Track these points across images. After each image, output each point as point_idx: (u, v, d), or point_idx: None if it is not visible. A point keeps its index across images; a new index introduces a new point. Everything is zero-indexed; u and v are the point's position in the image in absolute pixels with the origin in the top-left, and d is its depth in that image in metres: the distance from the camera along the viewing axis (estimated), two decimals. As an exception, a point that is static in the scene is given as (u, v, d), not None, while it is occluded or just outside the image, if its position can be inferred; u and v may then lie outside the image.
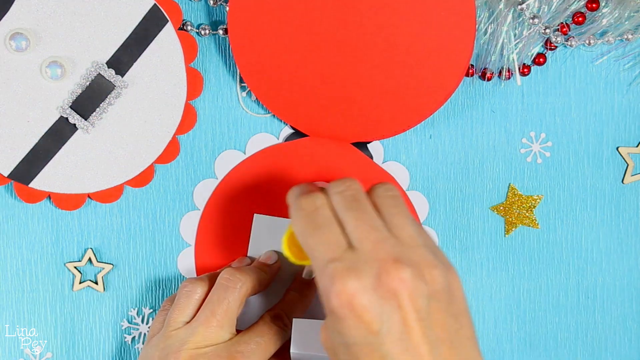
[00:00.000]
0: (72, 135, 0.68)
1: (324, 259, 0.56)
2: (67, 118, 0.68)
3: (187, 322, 0.65)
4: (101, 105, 0.68)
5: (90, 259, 0.71)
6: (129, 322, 0.72)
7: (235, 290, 0.65)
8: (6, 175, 0.68)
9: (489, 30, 0.71)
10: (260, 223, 0.71)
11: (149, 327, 0.71)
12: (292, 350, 0.63)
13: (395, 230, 0.57)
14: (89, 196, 0.69)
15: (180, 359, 0.63)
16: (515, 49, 0.71)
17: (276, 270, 0.69)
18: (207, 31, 0.71)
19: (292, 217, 0.59)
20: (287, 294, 0.69)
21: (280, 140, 0.72)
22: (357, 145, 0.71)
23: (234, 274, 0.66)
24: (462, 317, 0.56)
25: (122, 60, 0.68)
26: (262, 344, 0.65)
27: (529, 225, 0.73)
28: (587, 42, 0.71)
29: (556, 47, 0.71)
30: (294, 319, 0.64)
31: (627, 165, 0.73)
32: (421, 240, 0.57)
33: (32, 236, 0.71)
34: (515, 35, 0.70)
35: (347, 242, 0.56)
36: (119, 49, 0.68)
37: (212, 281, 0.67)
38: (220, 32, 0.71)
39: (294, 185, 0.61)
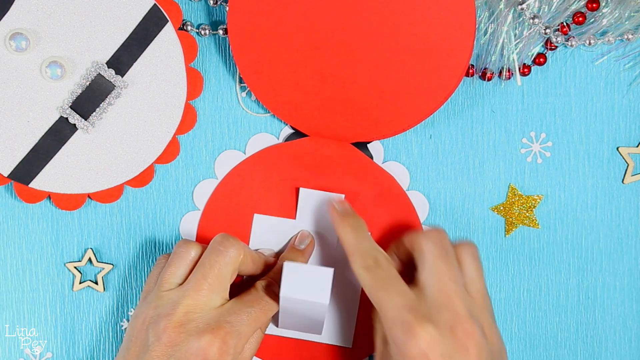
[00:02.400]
0: (72, 135, 0.68)
1: (400, 306, 0.61)
2: (67, 118, 0.68)
3: (180, 284, 0.65)
4: (101, 105, 0.68)
5: (90, 259, 0.71)
6: (128, 322, 0.72)
7: (226, 254, 0.65)
8: (6, 175, 0.68)
9: (489, 30, 0.71)
10: (260, 223, 0.71)
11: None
12: (281, 294, 0.63)
13: (470, 287, 0.64)
14: (89, 196, 0.69)
15: (171, 322, 0.63)
16: (516, 49, 0.71)
17: (270, 265, 0.69)
18: (207, 31, 0.71)
19: (358, 273, 0.64)
20: (279, 262, 0.69)
21: (280, 140, 0.72)
22: (357, 145, 0.71)
23: (227, 237, 0.66)
24: None
25: (122, 60, 0.68)
26: (253, 314, 0.64)
27: (529, 225, 0.73)
28: (587, 42, 0.71)
29: (556, 47, 0.71)
30: (284, 262, 0.64)
31: (627, 165, 0.73)
32: (487, 302, 0.64)
33: (32, 236, 0.71)
34: (515, 35, 0.70)
35: (417, 294, 0.62)
36: (119, 49, 0.68)
37: (206, 244, 0.67)
38: (220, 32, 0.71)
39: (343, 219, 0.67)
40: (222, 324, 0.63)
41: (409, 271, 0.66)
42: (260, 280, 0.67)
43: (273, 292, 0.66)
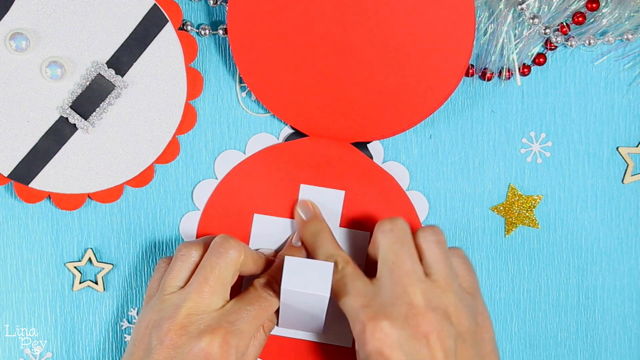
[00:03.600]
0: (72, 135, 0.68)
1: (354, 306, 0.62)
2: (67, 118, 0.68)
3: (182, 287, 0.65)
4: (101, 105, 0.68)
5: (90, 259, 0.71)
6: (129, 322, 0.72)
7: (227, 256, 0.65)
8: (6, 175, 0.68)
9: (489, 30, 0.71)
10: (260, 223, 0.71)
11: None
12: (282, 287, 0.64)
13: (430, 273, 0.63)
14: (89, 196, 0.69)
15: (173, 325, 0.63)
16: (515, 49, 0.71)
17: (272, 263, 0.69)
18: (207, 31, 0.71)
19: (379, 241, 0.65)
20: (277, 260, 0.69)
21: (280, 140, 0.72)
22: (357, 145, 0.71)
23: (227, 239, 0.66)
24: (489, 358, 0.63)
25: (122, 60, 0.68)
26: (253, 311, 0.65)
27: (529, 225, 0.73)
28: (587, 42, 0.71)
29: (556, 47, 0.71)
30: (285, 257, 0.64)
31: (627, 165, 0.73)
32: (452, 284, 0.63)
33: (32, 236, 0.71)
34: (515, 35, 0.70)
35: (373, 290, 0.63)
36: (119, 49, 0.68)
37: (207, 245, 0.67)
38: (220, 32, 0.71)
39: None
40: (222, 324, 0.63)
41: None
42: (259, 278, 0.67)
43: (273, 289, 0.66)
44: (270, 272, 0.68)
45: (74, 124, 0.68)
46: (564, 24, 0.71)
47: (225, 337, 0.63)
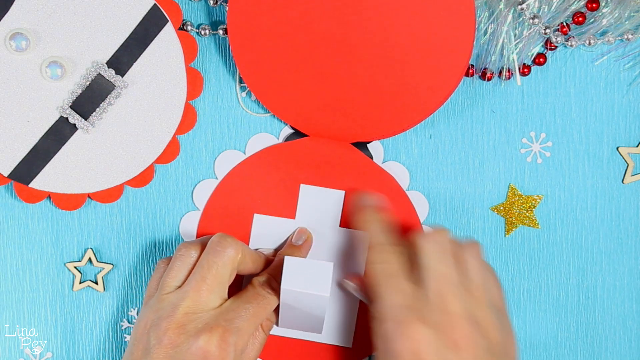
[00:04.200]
0: (72, 135, 0.68)
1: (395, 304, 0.63)
2: (67, 118, 0.68)
3: (179, 287, 0.66)
4: (101, 105, 0.68)
5: (90, 259, 0.71)
6: (129, 322, 0.72)
7: (224, 255, 0.65)
8: (6, 175, 0.68)
9: (489, 30, 0.71)
10: (260, 223, 0.71)
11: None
12: (282, 286, 0.64)
13: (469, 285, 0.64)
14: (89, 196, 0.69)
15: (171, 324, 0.63)
16: (515, 49, 0.71)
17: (271, 262, 0.69)
18: (207, 31, 0.71)
19: (367, 265, 0.66)
20: (276, 258, 0.69)
21: (280, 140, 0.72)
22: (357, 145, 0.71)
23: (225, 237, 0.66)
24: None
25: (122, 60, 0.68)
26: (251, 309, 0.65)
27: (529, 225, 0.73)
28: (587, 42, 0.71)
29: (556, 47, 0.71)
30: (285, 256, 0.64)
31: (627, 165, 0.73)
32: (487, 297, 0.64)
33: (32, 236, 0.71)
34: (515, 35, 0.70)
35: (417, 294, 0.63)
36: (119, 49, 0.68)
37: (205, 245, 0.67)
38: (220, 32, 0.71)
39: (367, 214, 0.68)
40: (220, 322, 0.63)
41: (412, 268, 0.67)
42: (258, 276, 0.67)
43: (271, 287, 0.66)
44: (269, 271, 0.68)
45: (74, 124, 0.68)
46: (564, 24, 0.71)
47: (224, 335, 0.63)
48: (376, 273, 0.65)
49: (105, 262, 0.71)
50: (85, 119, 0.68)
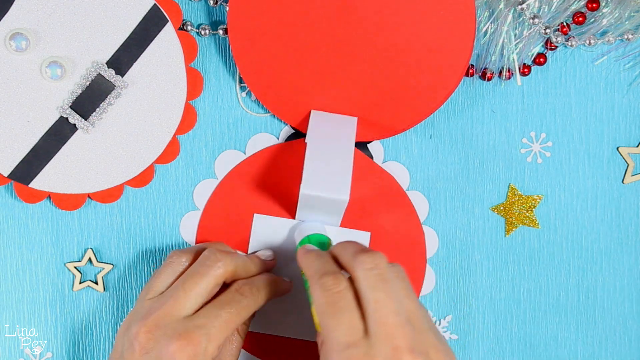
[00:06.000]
0: (72, 135, 0.68)
1: (341, 342, 0.59)
2: (67, 118, 0.68)
3: (162, 292, 0.66)
4: (101, 105, 0.68)
5: (90, 259, 0.71)
6: (129, 322, 0.72)
7: (211, 270, 0.65)
8: (6, 175, 0.68)
9: (489, 30, 0.71)
10: (260, 223, 0.71)
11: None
12: (301, 191, 0.64)
13: (412, 317, 0.59)
14: (89, 196, 0.69)
15: (142, 328, 0.63)
16: (516, 49, 0.71)
17: (268, 266, 0.69)
18: (207, 31, 0.71)
19: (314, 294, 0.61)
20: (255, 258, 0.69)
21: (280, 140, 0.72)
22: (357, 145, 0.71)
23: (215, 253, 0.66)
24: None
25: (122, 60, 0.68)
26: (224, 316, 0.64)
27: (529, 225, 0.73)
28: (587, 42, 0.71)
29: (556, 47, 0.71)
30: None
31: (627, 165, 0.73)
32: (426, 323, 0.60)
33: (32, 236, 0.71)
34: (515, 35, 0.70)
35: (364, 327, 0.59)
36: (119, 49, 0.68)
37: (199, 254, 0.67)
38: (220, 32, 0.71)
39: (307, 251, 0.64)
40: (190, 329, 0.63)
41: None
42: (240, 280, 0.67)
43: (249, 290, 0.66)
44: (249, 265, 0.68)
45: (74, 124, 0.68)
46: (564, 23, 0.71)
47: (193, 342, 0.62)
48: (325, 299, 0.60)
49: (105, 262, 0.71)
50: (85, 119, 0.68)
